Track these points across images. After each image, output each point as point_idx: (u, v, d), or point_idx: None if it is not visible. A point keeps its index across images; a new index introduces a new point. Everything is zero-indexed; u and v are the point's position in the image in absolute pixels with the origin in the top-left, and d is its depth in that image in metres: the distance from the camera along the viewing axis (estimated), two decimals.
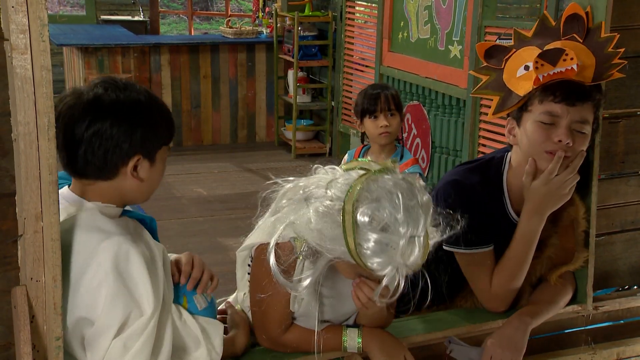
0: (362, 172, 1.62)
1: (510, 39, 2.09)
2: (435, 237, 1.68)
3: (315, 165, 1.76)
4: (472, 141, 4.77)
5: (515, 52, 2.04)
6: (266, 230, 1.79)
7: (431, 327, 2.07)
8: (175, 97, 7.33)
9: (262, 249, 1.77)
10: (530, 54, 2.00)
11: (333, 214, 1.58)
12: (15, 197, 1.52)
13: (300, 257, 1.70)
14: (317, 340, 1.83)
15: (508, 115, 2.07)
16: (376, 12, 6.00)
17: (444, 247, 2.06)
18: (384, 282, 1.59)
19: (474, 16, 4.63)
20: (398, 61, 5.68)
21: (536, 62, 1.92)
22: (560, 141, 1.93)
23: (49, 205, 1.46)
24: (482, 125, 4.70)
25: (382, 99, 3.18)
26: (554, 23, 2.03)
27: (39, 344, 1.54)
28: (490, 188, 2.07)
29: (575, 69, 1.92)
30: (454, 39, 4.96)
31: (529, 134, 1.98)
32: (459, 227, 2.00)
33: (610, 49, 1.99)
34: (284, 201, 1.80)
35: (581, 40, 2.00)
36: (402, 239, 1.53)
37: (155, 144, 1.64)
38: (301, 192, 1.76)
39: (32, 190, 1.46)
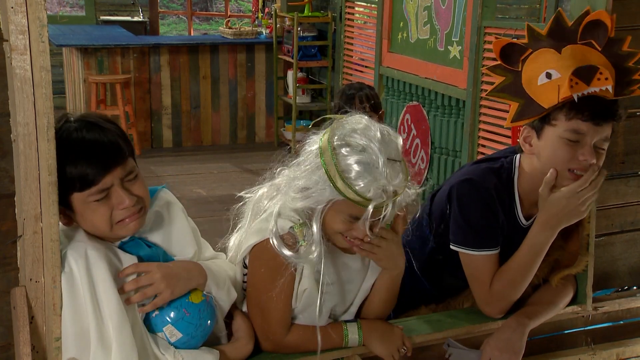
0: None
1: (511, 39, 2.06)
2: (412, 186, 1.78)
3: (280, 168, 1.84)
4: (472, 142, 4.77)
5: (531, 52, 1.96)
6: (255, 231, 1.79)
7: (431, 327, 2.07)
8: (174, 98, 7.33)
9: (258, 248, 1.77)
10: (548, 58, 1.93)
11: (312, 163, 1.70)
12: (15, 198, 1.52)
13: (305, 243, 1.73)
14: (319, 335, 1.83)
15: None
16: (376, 12, 5.99)
17: (450, 246, 2.07)
18: (372, 205, 1.64)
19: (473, 17, 4.63)
20: (397, 62, 5.68)
21: (571, 79, 1.84)
22: (585, 160, 1.91)
23: (48, 206, 1.46)
24: (482, 126, 4.70)
25: (356, 100, 3.19)
26: (569, 23, 1.97)
27: (38, 344, 1.54)
28: (503, 193, 2.06)
29: (610, 91, 1.86)
30: (453, 39, 4.96)
31: (552, 150, 1.93)
32: (466, 227, 2.02)
33: (631, 64, 1.94)
34: (265, 202, 1.83)
35: (599, 48, 1.94)
36: (381, 158, 1.63)
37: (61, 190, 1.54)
38: (275, 192, 1.79)
39: (31, 191, 1.46)
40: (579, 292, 2.23)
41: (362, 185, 1.64)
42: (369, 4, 6.30)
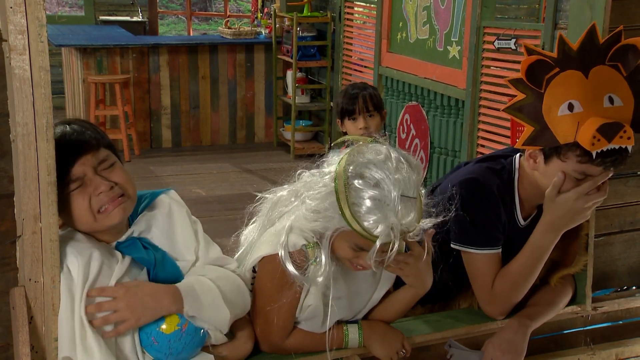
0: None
1: (510, 39, 2.04)
2: (431, 217, 1.75)
3: (300, 171, 1.80)
4: (471, 141, 4.77)
5: (558, 73, 1.87)
6: (268, 242, 1.77)
7: (430, 327, 2.07)
8: (174, 98, 7.33)
9: (267, 260, 1.76)
10: (573, 84, 1.86)
11: (326, 186, 1.66)
12: (14, 198, 1.51)
13: (315, 264, 1.71)
14: (321, 340, 1.83)
15: None
16: (375, 12, 5.99)
17: (452, 245, 2.06)
18: (379, 241, 1.60)
19: (472, 17, 4.63)
20: (397, 62, 5.68)
21: (594, 136, 1.78)
22: None
23: (47, 206, 1.46)
24: (481, 126, 4.70)
25: (360, 100, 3.17)
26: (601, 41, 1.90)
27: (38, 345, 1.53)
28: (504, 193, 2.06)
29: (629, 151, 1.82)
30: (452, 39, 4.95)
31: (555, 182, 1.93)
32: (469, 225, 2.02)
33: None
34: (281, 209, 1.81)
35: (624, 74, 1.90)
36: (394, 195, 1.58)
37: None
38: (293, 199, 1.78)
39: (30, 191, 1.46)
40: (579, 292, 2.23)
41: (370, 221, 1.59)
42: (368, 4, 6.30)
